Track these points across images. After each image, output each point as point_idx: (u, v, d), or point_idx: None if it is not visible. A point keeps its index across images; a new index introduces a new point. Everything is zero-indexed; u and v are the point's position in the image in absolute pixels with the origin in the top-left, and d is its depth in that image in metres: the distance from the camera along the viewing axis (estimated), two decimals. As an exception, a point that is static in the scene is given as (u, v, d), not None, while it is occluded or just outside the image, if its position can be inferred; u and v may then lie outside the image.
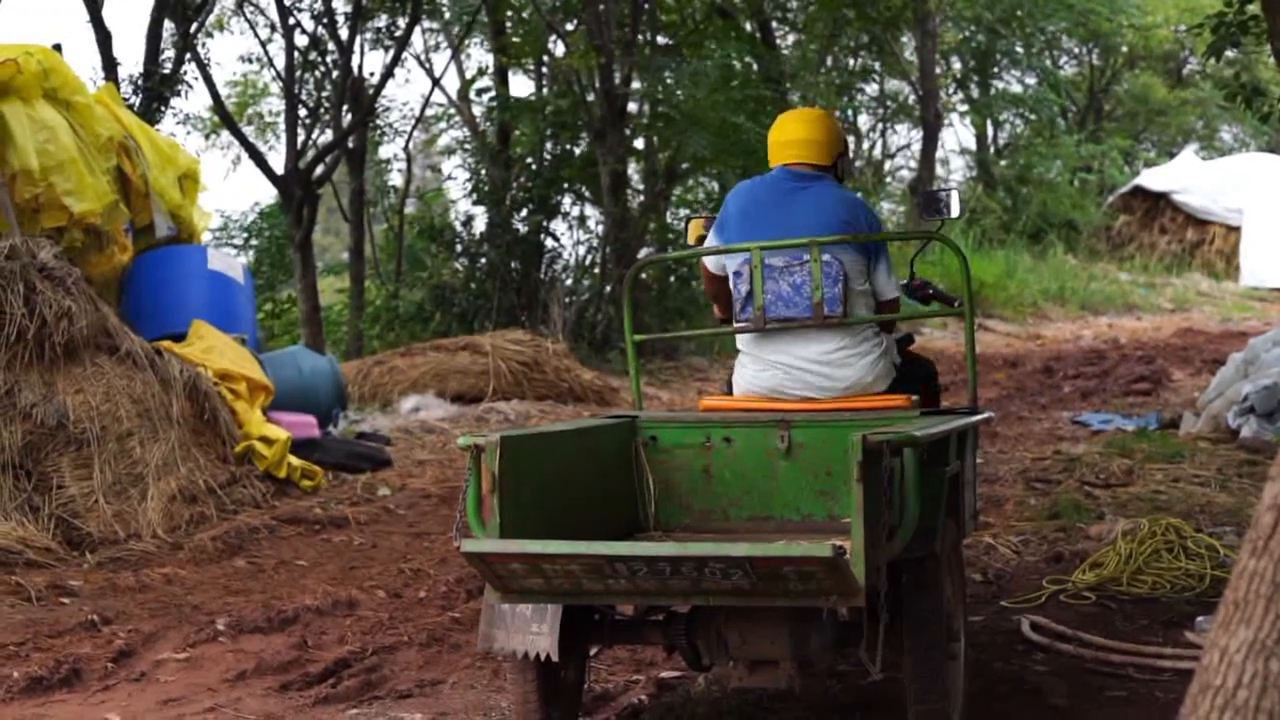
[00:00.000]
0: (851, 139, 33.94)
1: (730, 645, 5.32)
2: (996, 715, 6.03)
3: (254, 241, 27.55)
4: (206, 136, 26.91)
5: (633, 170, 23.26)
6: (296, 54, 21.47)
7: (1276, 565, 3.54)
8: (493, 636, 5.40)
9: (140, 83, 17.66)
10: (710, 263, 6.75)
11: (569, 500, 5.67)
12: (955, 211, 7.07)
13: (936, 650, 5.26)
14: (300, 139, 21.37)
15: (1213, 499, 9.94)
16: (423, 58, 27.96)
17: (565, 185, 22.39)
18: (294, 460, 11.16)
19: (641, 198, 22.98)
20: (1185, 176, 33.44)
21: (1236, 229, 32.12)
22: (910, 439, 4.91)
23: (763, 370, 6.53)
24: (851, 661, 6.74)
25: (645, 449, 6.21)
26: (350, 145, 22.14)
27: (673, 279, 21.81)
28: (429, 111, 26.94)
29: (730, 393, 6.76)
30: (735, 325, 6.62)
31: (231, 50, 49.88)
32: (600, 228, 22.33)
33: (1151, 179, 34.16)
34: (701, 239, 7.00)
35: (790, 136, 6.69)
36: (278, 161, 21.38)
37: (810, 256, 6.35)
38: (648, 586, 4.87)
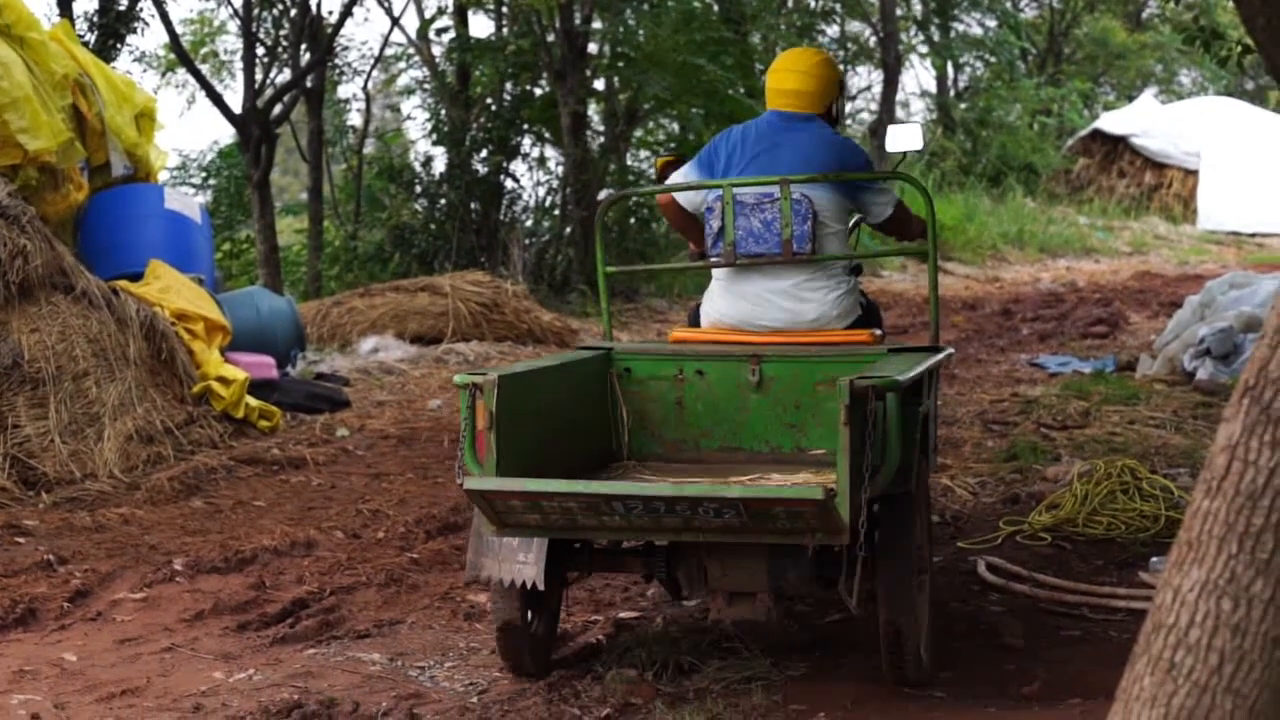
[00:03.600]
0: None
1: (710, 578, 5.60)
2: (953, 655, 6.07)
3: (212, 181, 27.37)
4: (163, 75, 26.68)
5: (593, 111, 23.17)
6: (254, -9, 21.32)
7: (1229, 506, 3.56)
8: (480, 565, 5.67)
9: (96, 20, 17.52)
10: (685, 200, 6.86)
11: (552, 432, 5.87)
12: (919, 144, 7.28)
13: (909, 583, 5.53)
14: (258, 78, 21.22)
15: (1168, 441, 9.99)
16: (382, -4, 27.75)
17: (525, 126, 22.30)
18: (252, 401, 11.12)
19: (602, 139, 22.91)
20: (1144, 120, 33.48)
21: (1194, 173, 32.20)
22: (894, 383, 5.15)
23: (733, 302, 6.70)
24: (809, 602, 6.80)
25: (619, 381, 6.39)
26: (308, 85, 22.00)
27: (633, 220, 21.79)
28: (388, 51, 26.76)
29: (696, 324, 6.94)
30: (707, 260, 6.78)
31: (188, -13, 49.43)
32: (560, 169, 22.26)
33: (1110, 122, 34.19)
34: (665, 177, 7.10)
35: (785, 86, 6.83)
36: (235, 100, 21.26)
37: (780, 194, 6.49)
38: (641, 524, 5.18)
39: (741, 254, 6.60)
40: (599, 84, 22.95)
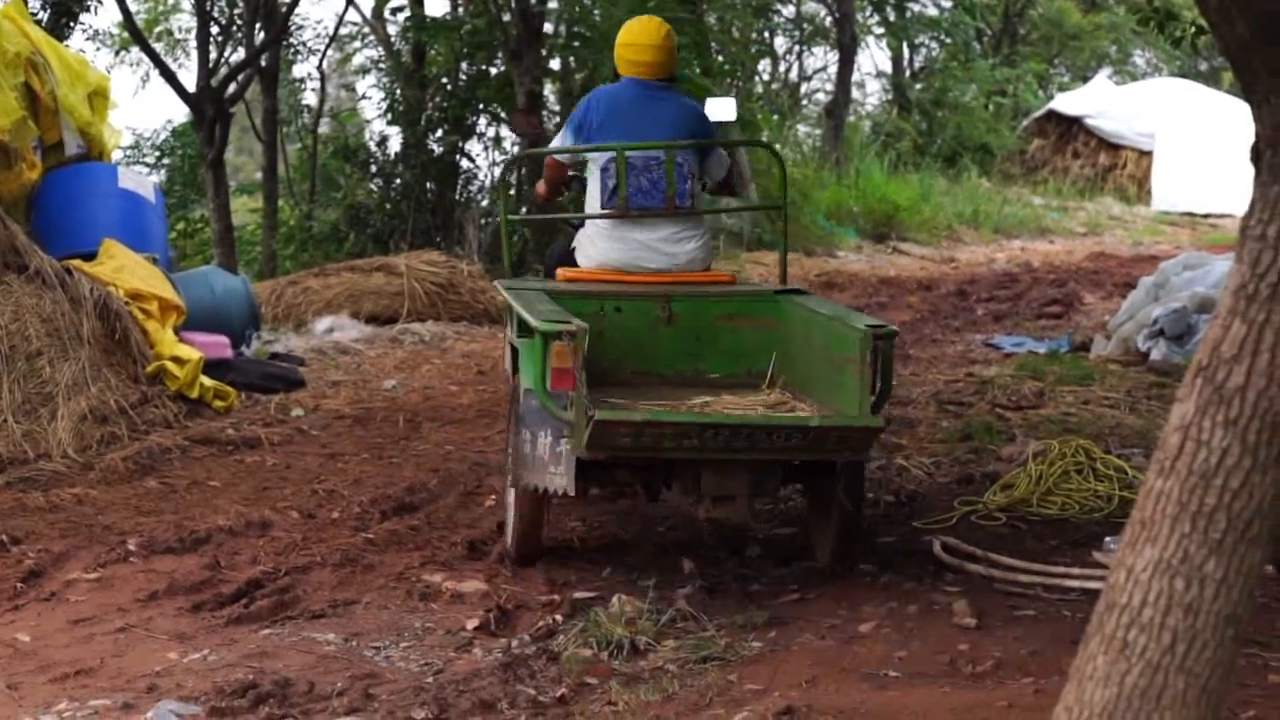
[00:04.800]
0: (767, 61, 33.96)
1: (704, 486, 6.65)
2: (906, 634, 6.08)
3: (166, 160, 27.22)
4: (116, 53, 26.53)
5: (549, 91, 23.13)
6: (208, -31, 21.19)
7: (1182, 485, 3.58)
8: (520, 475, 6.74)
9: (49, -2, 17.42)
10: (564, 159, 8.30)
11: None
12: (732, 115, 8.72)
13: (864, 485, 7.09)
14: (212, 57, 21.11)
15: (1122, 421, 10.03)
16: (337, -25, 27.62)
17: (481, 106, 22.25)
18: (206, 381, 11.07)
19: (557, 119, 22.87)
20: (1098, 101, 33.59)
21: (1149, 153, 32.33)
22: (893, 331, 6.54)
23: (619, 246, 7.95)
24: (765, 582, 6.82)
25: None
26: (263, 64, 21.90)
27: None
28: (343, 30, 26.67)
29: (565, 264, 8.18)
30: (602, 211, 7.98)
31: (142, -35, 49.05)
32: (516, 149, 22.22)
33: (1065, 103, 34.30)
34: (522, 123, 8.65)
35: (643, 59, 8.07)
36: (189, 79, 21.14)
37: (666, 158, 7.82)
38: (714, 446, 6.37)
39: (633, 208, 7.86)
40: (555, 63, 22.91)
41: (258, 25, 21.38)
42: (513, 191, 21.30)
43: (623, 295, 7.65)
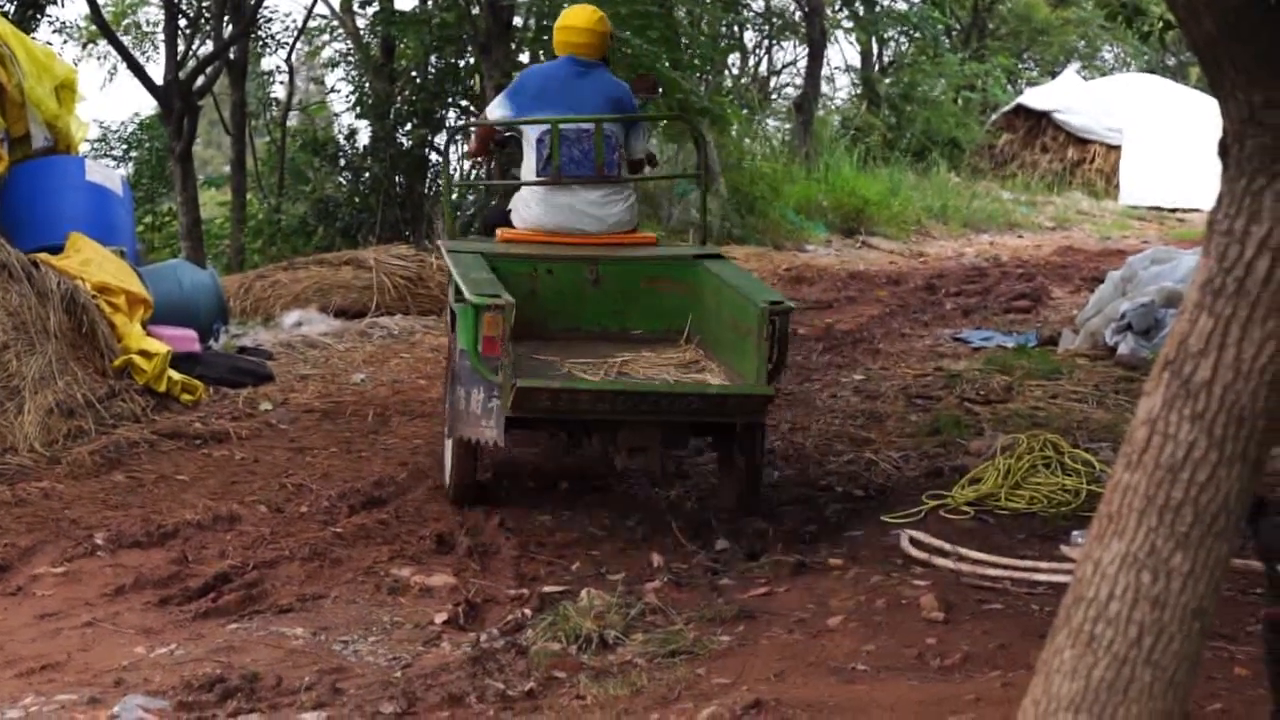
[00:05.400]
0: (737, 55, 33.97)
1: (620, 439, 7.35)
2: (874, 628, 6.09)
3: (133, 153, 27.15)
4: (84, 46, 26.46)
5: (518, 85, 23.09)
6: (176, -38, 21.13)
7: (1149, 479, 3.59)
8: (456, 428, 7.47)
9: (15, -10, 17.34)
10: (495, 121, 9.07)
11: None
12: (657, 93, 9.74)
13: (764, 441, 7.91)
14: (180, 49, 21.05)
15: (1090, 415, 10.05)
16: (305, -32, 27.56)
17: (449, 99, 22.23)
18: (174, 374, 11.03)
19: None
20: (1067, 96, 33.64)
21: (1117, 148, 32.38)
22: (790, 308, 7.24)
23: (551, 211, 8.76)
24: (733, 576, 6.83)
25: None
26: (231, 57, 21.85)
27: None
28: (312, 23, 26.63)
29: (501, 224, 8.98)
30: (536, 179, 8.76)
31: (109, -42, 48.79)
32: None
33: (1034, 98, 34.35)
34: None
35: (577, 40, 8.96)
36: (157, 72, 21.08)
37: (595, 130, 8.64)
38: (624, 408, 7.07)
39: (565, 175, 8.66)
40: (524, 57, 22.88)
41: (226, 18, 21.32)
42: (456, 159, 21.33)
43: (554, 259, 8.41)
